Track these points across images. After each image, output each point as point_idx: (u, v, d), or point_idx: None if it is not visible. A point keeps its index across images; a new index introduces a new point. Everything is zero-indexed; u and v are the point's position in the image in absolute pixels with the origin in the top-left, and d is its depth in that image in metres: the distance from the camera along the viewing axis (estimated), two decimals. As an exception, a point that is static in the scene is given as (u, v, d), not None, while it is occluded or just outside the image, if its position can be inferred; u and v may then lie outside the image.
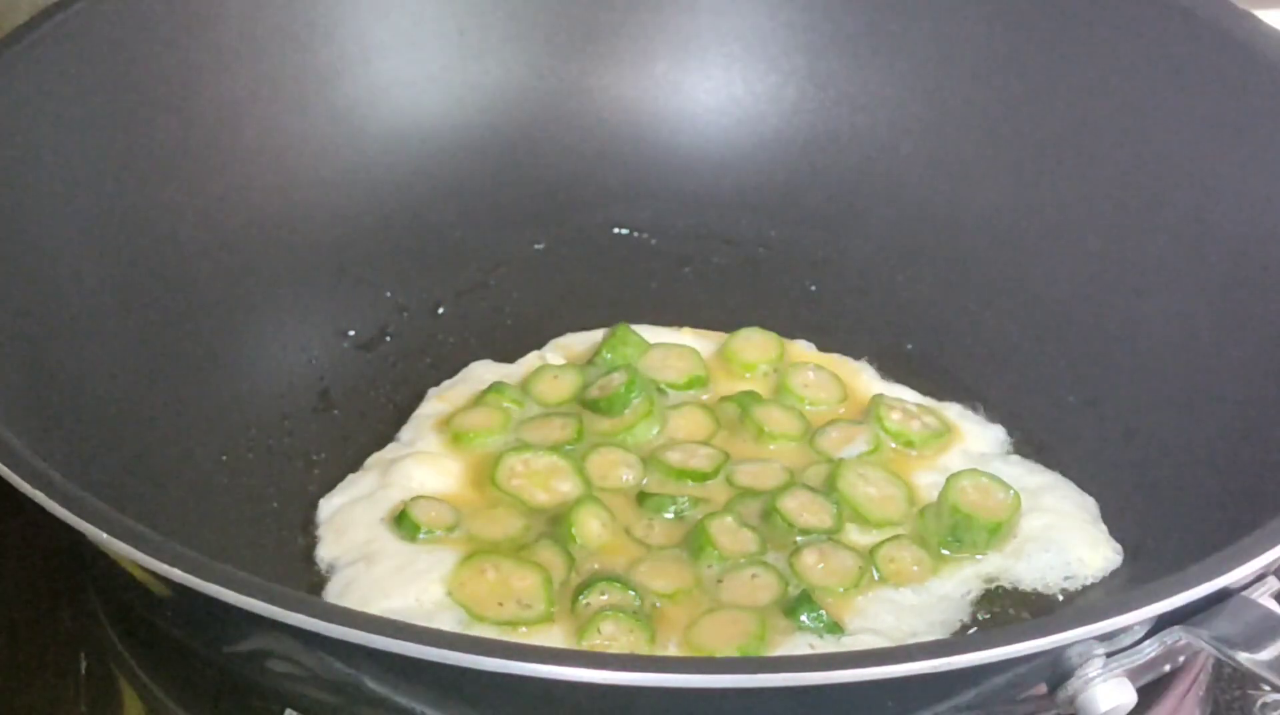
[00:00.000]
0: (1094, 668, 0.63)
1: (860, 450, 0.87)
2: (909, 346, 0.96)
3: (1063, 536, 0.83)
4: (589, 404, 0.89)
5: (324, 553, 0.83)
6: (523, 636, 0.77)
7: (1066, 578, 0.82)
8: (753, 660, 0.74)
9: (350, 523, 0.84)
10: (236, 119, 0.95)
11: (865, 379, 0.93)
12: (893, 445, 0.88)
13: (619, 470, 0.86)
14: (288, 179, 0.96)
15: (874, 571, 0.81)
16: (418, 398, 0.92)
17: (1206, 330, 0.87)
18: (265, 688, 0.71)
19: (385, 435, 0.90)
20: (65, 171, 0.87)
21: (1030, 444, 0.89)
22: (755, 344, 0.93)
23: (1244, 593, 0.65)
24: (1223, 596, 0.64)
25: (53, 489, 0.66)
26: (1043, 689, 0.64)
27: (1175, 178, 0.91)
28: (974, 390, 0.93)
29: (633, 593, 0.79)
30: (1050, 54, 0.96)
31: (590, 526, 0.82)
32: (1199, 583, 0.63)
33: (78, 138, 0.88)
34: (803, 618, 0.78)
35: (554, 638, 0.78)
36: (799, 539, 0.82)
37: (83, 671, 0.82)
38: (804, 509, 0.83)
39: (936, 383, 0.93)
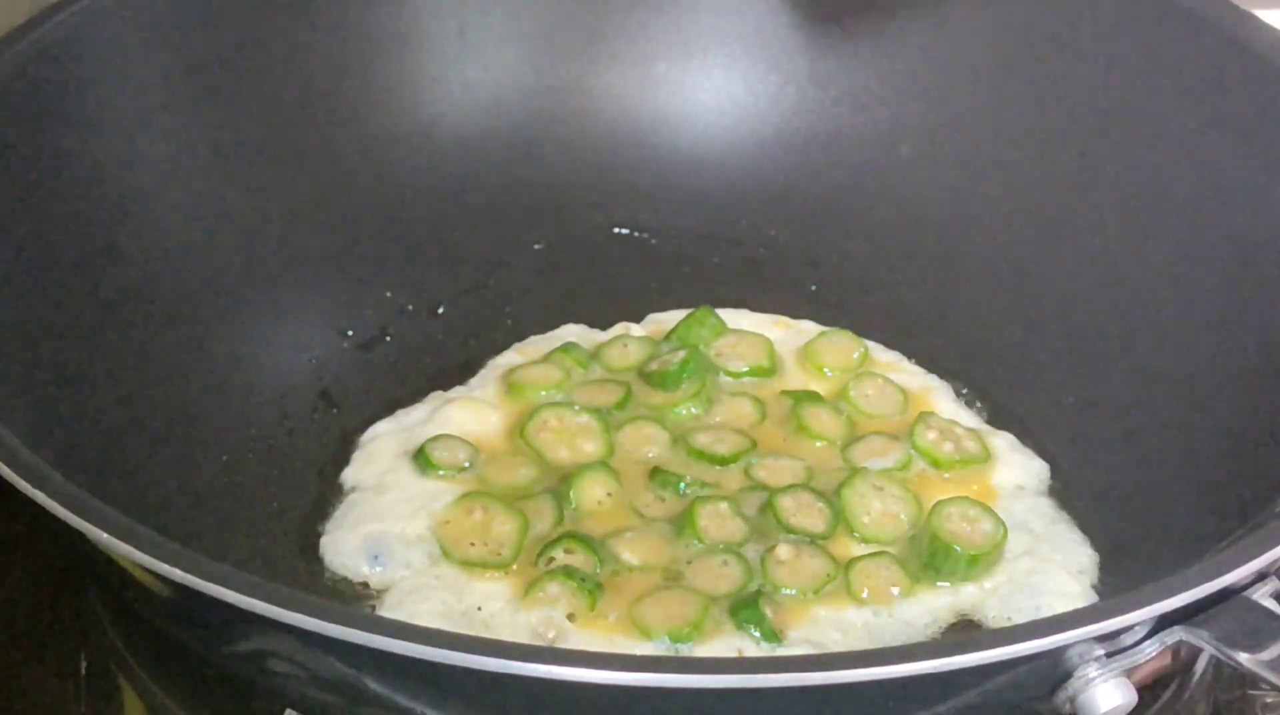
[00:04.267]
0: (1094, 668, 0.63)
1: (888, 464, 0.86)
2: (909, 346, 0.96)
3: (1042, 583, 0.81)
4: (645, 376, 0.90)
5: (349, 474, 0.87)
6: (477, 577, 0.80)
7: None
8: (753, 660, 0.75)
9: (381, 451, 0.87)
10: (237, 120, 0.95)
11: (935, 399, 0.92)
12: (921, 464, 0.87)
13: (647, 445, 0.87)
14: (288, 179, 0.96)
15: (845, 583, 0.80)
16: (418, 397, 0.92)
17: (1206, 330, 0.87)
18: (265, 688, 0.71)
19: (385, 435, 0.91)
20: (65, 172, 0.87)
21: (1059, 477, 0.88)
22: (837, 346, 0.93)
23: (1244, 593, 0.65)
24: (1223, 596, 0.64)
25: (53, 489, 0.66)
26: (1043, 689, 0.64)
27: (1175, 177, 0.91)
28: (973, 390, 0.93)
29: (596, 558, 0.80)
30: (1050, 54, 0.96)
31: (590, 491, 0.84)
32: (1199, 583, 0.63)
33: (78, 138, 0.88)
34: (742, 618, 0.78)
35: (503, 587, 0.80)
36: (785, 536, 0.82)
37: (83, 671, 0.82)
38: (800, 509, 0.83)
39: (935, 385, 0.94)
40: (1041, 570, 0.82)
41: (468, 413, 0.89)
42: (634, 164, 1.02)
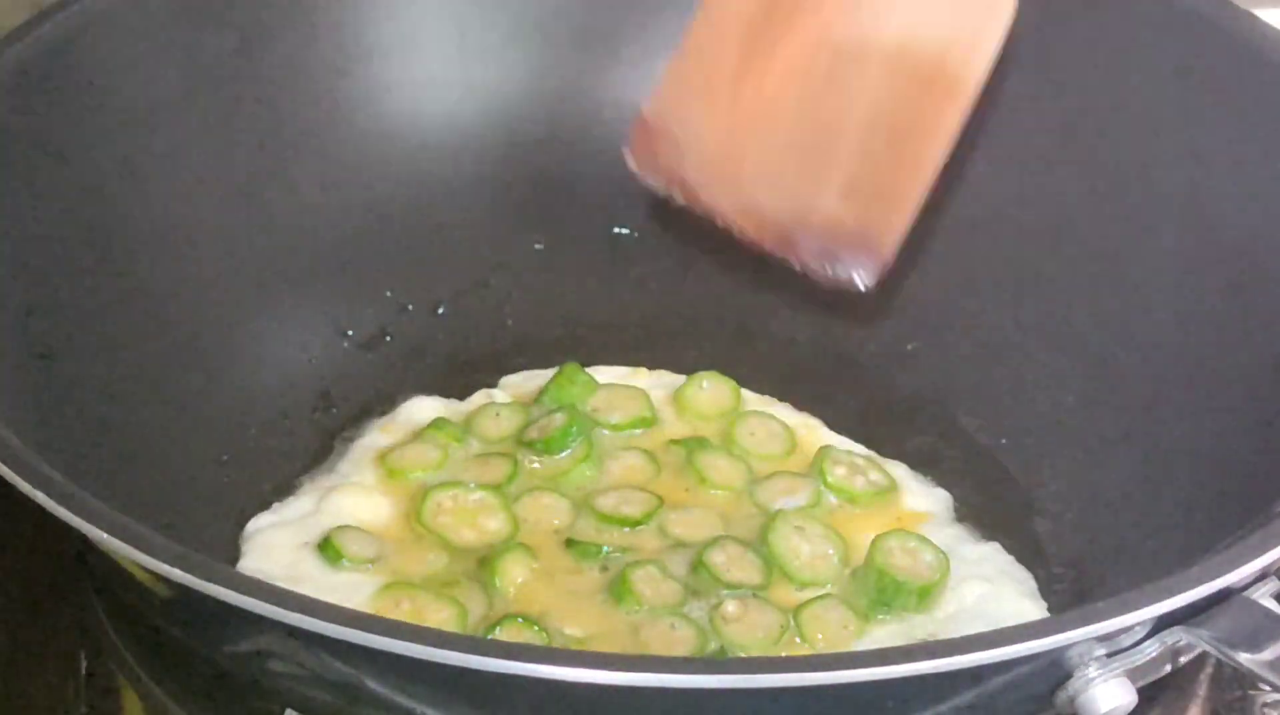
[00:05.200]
0: (1094, 668, 0.63)
1: (800, 503, 0.85)
2: (909, 346, 0.96)
3: (997, 609, 0.81)
4: (528, 444, 0.88)
5: (247, 565, 0.82)
6: None
7: None
8: (753, 660, 0.75)
9: (276, 544, 0.83)
10: (237, 119, 0.95)
11: (817, 432, 0.91)
12: (833, 500, 0.86)
13: (550, 514, 0.85)
14: (288, 179, 0.96)
15: (797, 630, 0.79)
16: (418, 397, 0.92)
17: (1207, 330, 0.87)
18: (265, 688, 0.71)
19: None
20: (65, 172, 0.87)
21: (968, 506, 0.88)
22: (709, 394, 0.92)
23: (1244, 593, 0.65)
24: (1223, 596, 0.64)
25: (53, 489, 0.66)
26: (1043, 689, 0.65)
27: (1175, 177, 0.91)
28: (972, 389, 0.93)
29: (545, 636, 0.78)
30: (1050, 53, 0.96)
31: (513, 572, 0.81)
32: (1199, 583, 0.63)
33: (77, 139, 0.88)
34: None
35: None
36: (724, 592, 0.80)
37: (83, 671, 0.82)
38: (732, 563, 0.82)
39: (936, 385, 0.94)
40: (995, 595, 0.81)
41: (356, 501, 0.85)
42: (634, 164, 1.02)
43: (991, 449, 0.92)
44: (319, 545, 0.82)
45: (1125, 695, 0.64)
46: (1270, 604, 0.65)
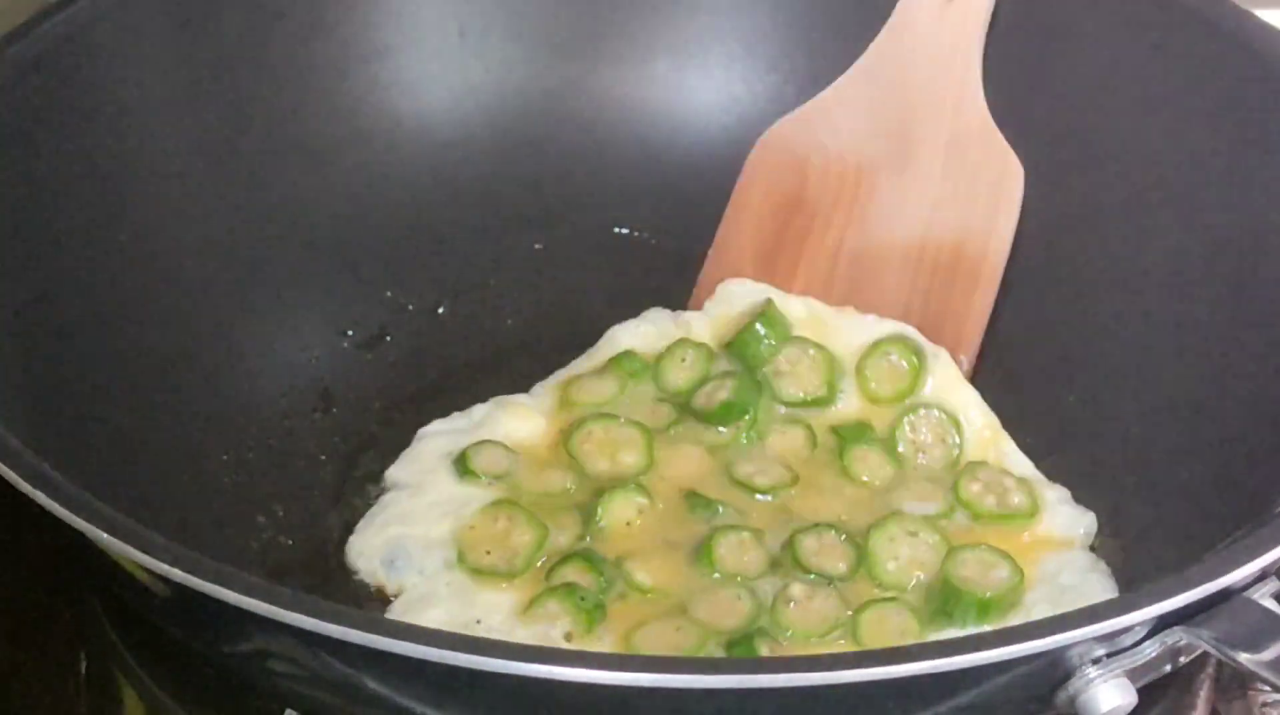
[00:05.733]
0: (1095, 668, 0.63)
1: (929, 511, 0.84)
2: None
3: (1069, 603, 0.77)
4: (693, 412, 0.88)
5: (392, 472, 0.87)
6: (485, 587, 0.79)
7: None
8: (753, 660, 0.74)
9: (427, 451, 0.87)
10: (237, 119, 0.95)
11: (996, 438, 0.89)
12: (962, 516, 0.85)
13: (689, 464, 0.86)
14: (288, 179, 0.96)
15: (852, 628, 0.78)
16: (418, 397, 0.92)
17: (1207, 330, 0.87)
18: (265, 688, 0.71)
19: (385, 435, 0.90)
20: (66, 172, 0.87)
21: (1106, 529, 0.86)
22: (889, 370, 0.89)
23: (1244, 593, 0.65)
24: (1223, 597, 0.64)
25: (53, 489, 0.66)
26: (1043, 689, 0.64)
27: (1175, 177, 0.91)
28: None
29: (601, 578, 0.79)
30: (1050, 53, 0.96)
31: (620, 509, 0.83)
32: (1199, 583, 0.63)
33: (77, 139, 0.88)
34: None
35: (507, 599, 0.79)
36: (802, 575, 0.81)
37: (83, 671, 0.82)
38: (824, 550, 0.81)
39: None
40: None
41: (519, 420, 0.88)
42: (634, 164, 1.02)
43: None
44: (456, 458, 0.85)
45: (1125, 695, 0.64)
46: (1270, 604, 0.65)
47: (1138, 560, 0.83)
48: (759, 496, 0.85)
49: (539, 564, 0.81)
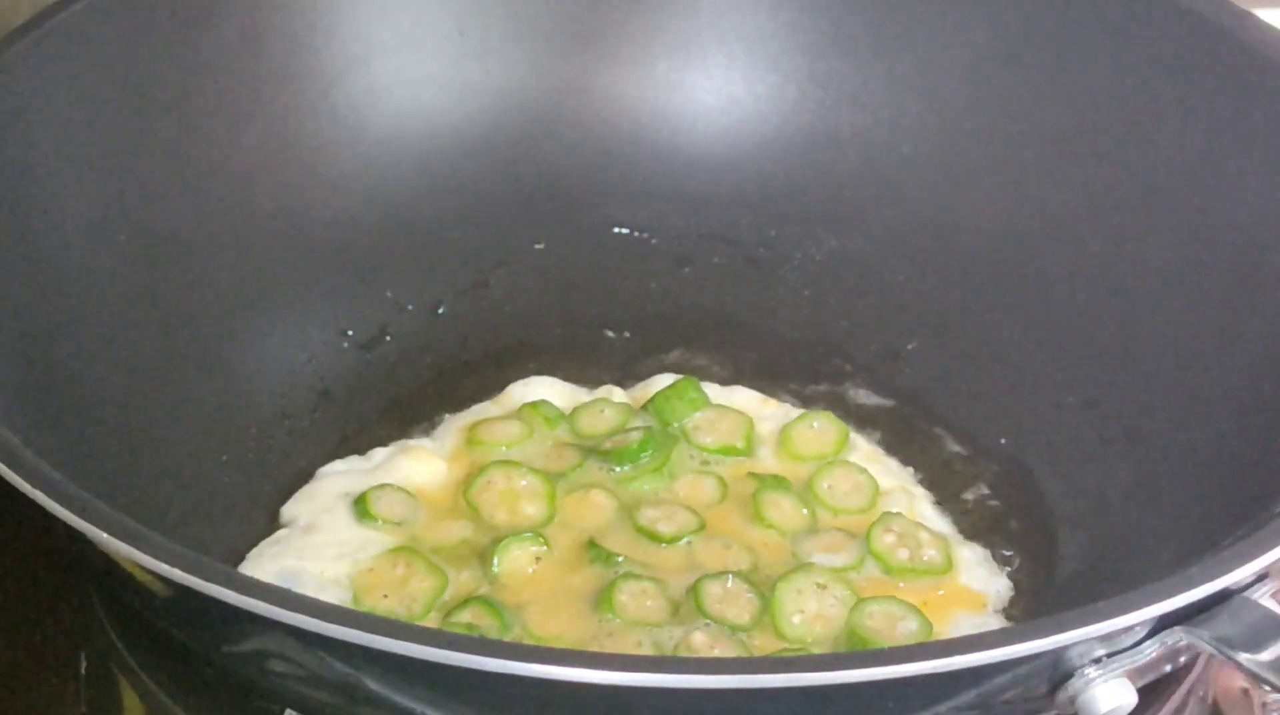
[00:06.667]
0: (1094, 668, 0.63)
1: (838, 563, 0.83)
2: (910, 346, 0.96)
3: None
4: (601, 454, 0.87)
5: (288, 509, 0.85)
6: None
7: None
8: (753, 660, 0.74)
9: (326, 491, 0.86)
10: (237, 119, 0.95)
11: (908, 499, 0.88)
12: (872, 569, 0.83)
13: (593, 513, 0.85)
14: (288, 179, 0.96)
15: None
16: (418, 397, 0.92)
17: (1207, 330, 0.87)
18: (265, 688, 0.71)
19: (385, 436, 0.90)
20: (66, 171, 0.87)
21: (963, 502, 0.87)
22: (816, 435, 0.90)
23: (1245, 593, 0.65)
24: (1223, 597, 0.64)
25: (53, 489, 0.66)
26: (1043, 689, 0.64)
27: (1175, 178, 0.91)
28: (971, 389, 0.93)
29: (501, 624, 0.78)
30: (1050, 53, 0.96)
31: (515, 559, 0.81)
32: (1199, 583, 0.63)
33: (79, 137, 0.88)
34: None
35: None
36: (705, 624, 0.79)
37: (83, 671, 0.82)
38: (728, 599, 0.80)
39: (934, 384, 0.94)
40: None
41: (419, 464, 0.87)
42: (634, 164, 1.02)
43: (990, 449, 0.92)
44: (356, 500, 0.84)
45: (1125, 695, 0.64)
46: (1270, 604, 0.65)
47: (1138, 560, 0.83)
48: (661, 546, 0.83)
49: (434, 611, 0.79)
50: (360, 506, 0.84)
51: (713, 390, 0.92)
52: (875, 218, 1.00)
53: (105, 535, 0.64)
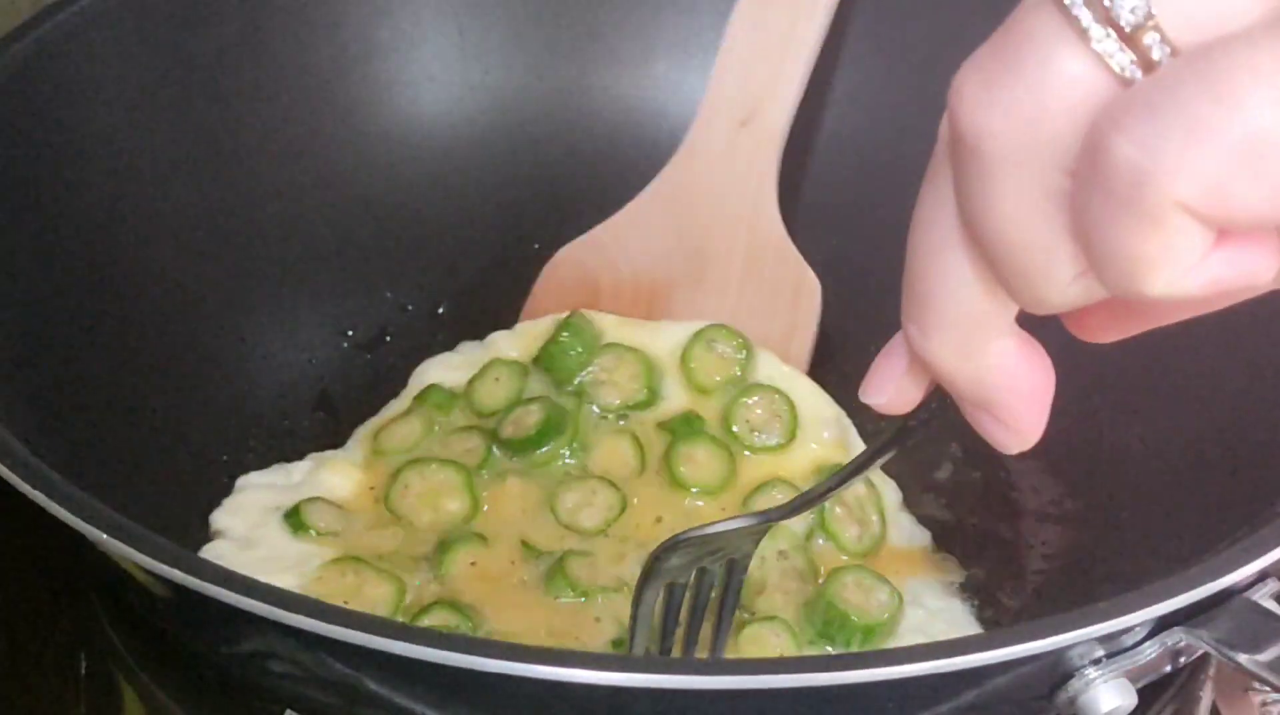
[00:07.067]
0: (1094, 669, 0.63)
1: (793, 530, 0.82)
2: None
3: (939, 631, 0.79)
4: (503, 442, 0.86)
5: (219, 517, 0.83)
6: None
7: None
8: (752, 661, 0.74)
9: (252, 503, 0.84)
10: (237, 119, 0.95)
11: (830, 419, 0.88)
12: (820, 541, 0.83)
13: (515, 503, 0.83)
14: (288, 179, 0.96)
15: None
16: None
17: (1207, 330, 0.87)
18: (265, 688, 0.71)
19: (385, 435, 0.90)
20: (65, 172, 0.87)
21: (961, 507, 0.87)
22: (714, 360, 0.88)
23: (1245, 593, 0.65)
24: (1223, 597, 0.64)
25: (53, 489, 0.66)
26: (1043, 690, 0.64)
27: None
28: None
29: (470, 624, 0.77)
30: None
31: (463, 559, 0.81)
32: (1199, 583, 0.63)
33: (78, 138, 0.88)
34: None
35: None
36: None
37: (83, 671, 0.82)
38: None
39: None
40: (935, 623, 0.80)
41: (338, 476, 0.86)
42: (634, 164, 1.02)
43: (990, 449, 0.91)
44: (286, 513, 0.82)
45: (1125, 696, 0.64)
46: (1270, 604, 0.65)
47: (1138, 560, 0.83)
48: (590, 538, 0.82)
49: (399, 615, 0.78)
50: (295, 520, 0.82)
51: (607, 322, 0.91)
52: (875, 217, 1.00)
53: (105, 536, 0.64)
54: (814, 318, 0.94)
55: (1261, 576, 0.66)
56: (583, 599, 0.79)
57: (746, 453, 0.86)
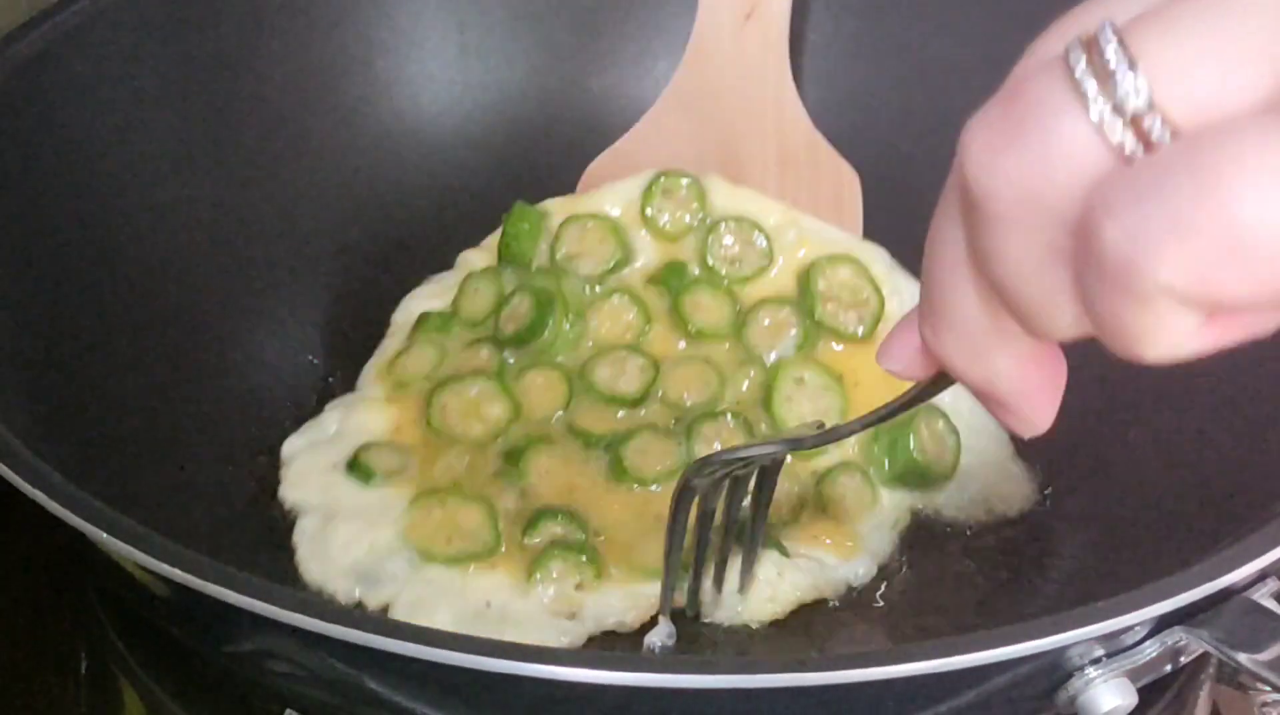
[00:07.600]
0: (1095, 668, 0.63)
1: (791, 346, 0.85)
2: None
3: (987, 474, 0.83)
4: (507, 341, 0.88)
5: (287, 494, 0.84)
6: (471, 572, 0.78)
7: (987, 512, 0.85)
8: (753, 661, 0.74)
9: (310, 469, 0.85)
10: (237, 119, 0.95)
11: (799, 228, 0.91)
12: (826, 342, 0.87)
13: (549, 394, 0.86)
14: (288, 178, 0.96)
15: (818, 499, 0.81)
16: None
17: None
18: (265, 688, 0.71)
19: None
20: (65, 171, 0.87)
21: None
22: (671, 205, 0.90)
23: (1245, 593, 0.65)
24: (1224, 596, 0.64)
25: (53, 489, 0.66)
26: (1043, 689, 0.64)
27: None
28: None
29: (578, 526, 0.79)
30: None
31: (539, 464, 0.82)
32: (1199, 583, 0.63)
33: (78, 138, 0.88)
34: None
35: (499, 576, 0.78)
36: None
37: (83, 671, 0.82)
38: (723, 438, 0.82)
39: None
40: (982, 465, 0.85)
41: (372, 416, 0.87)
42: (634, 163, 1.02)
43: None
44: (349, 466, 0.83)
45: (1126, 695, 0.64)
46: (1270, 604, 0.65)
47: (1138, 560, 0.83)
48: (641, 408, 0.85)
49: (501, 535, 0.80)
50: (359, 470, 0.83)
51: (551, 204, 0.93)
52: (875, 217, 1.00)
53: (105, 535, 0.64)
54: (858, 209, 0.95)
55: (1261, 576, 0.66)
56: (655, 486, 0.81)
57: (732, 284, 0.89)
